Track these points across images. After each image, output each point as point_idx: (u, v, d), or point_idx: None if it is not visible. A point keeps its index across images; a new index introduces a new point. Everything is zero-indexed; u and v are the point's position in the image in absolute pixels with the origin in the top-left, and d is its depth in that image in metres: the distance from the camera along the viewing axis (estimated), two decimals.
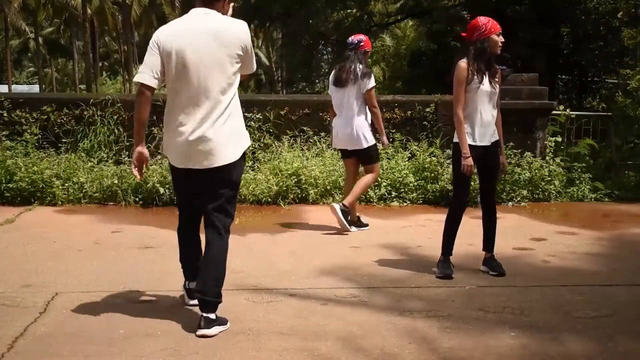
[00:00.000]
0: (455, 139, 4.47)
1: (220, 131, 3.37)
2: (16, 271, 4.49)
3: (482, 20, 4.40)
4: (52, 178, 7.14)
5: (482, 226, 4.69)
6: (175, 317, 3.63)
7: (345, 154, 5.98)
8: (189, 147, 3.38)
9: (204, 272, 3.49)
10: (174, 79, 3.38)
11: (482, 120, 4.43)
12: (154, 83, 3.37)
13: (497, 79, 4.51)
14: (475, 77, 4.36)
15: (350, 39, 5.97)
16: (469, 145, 4.39)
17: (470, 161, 4.36)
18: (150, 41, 3.43)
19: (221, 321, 3.45)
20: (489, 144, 4.49)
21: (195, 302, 3.59)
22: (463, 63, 4.37)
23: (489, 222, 4.67)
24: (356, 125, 5.74)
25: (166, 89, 3.50)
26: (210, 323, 3.38)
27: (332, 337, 3.40)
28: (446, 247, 4.61)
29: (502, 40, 4.43)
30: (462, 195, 4.59)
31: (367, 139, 5.78)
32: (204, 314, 3.40)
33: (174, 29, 3.43)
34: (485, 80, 4.40)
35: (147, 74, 3.36)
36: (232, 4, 3.61)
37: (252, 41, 3.52)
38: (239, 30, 3.42)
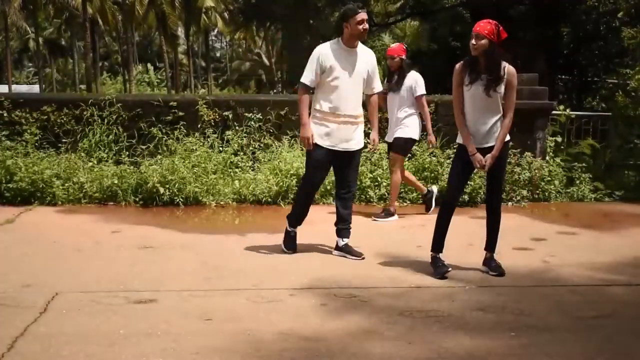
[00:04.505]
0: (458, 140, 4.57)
1: None
2: (16, 271, 4.49)
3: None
4: (52, 178, 7.13)
5: (486, 226, 4.72)
6: (175, 317, 3.63)
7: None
8: None
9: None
10: None
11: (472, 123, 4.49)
12: None
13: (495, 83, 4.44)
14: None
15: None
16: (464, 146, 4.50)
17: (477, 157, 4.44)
18: None
19: None
20: (483, 146, 4.49)
21: None
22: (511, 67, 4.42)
23: (491, 224, 4.70)
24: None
25: None
26: None
27: (332, 337, 3.40)
28: (435, 244, 4.65)
29: (472, 43, 4.39)
30: (448, 194, 4.67)
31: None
32: None
33: None
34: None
35: None
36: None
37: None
38: None
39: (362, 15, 4.86)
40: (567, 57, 15.92)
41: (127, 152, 7.81)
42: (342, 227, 5.15)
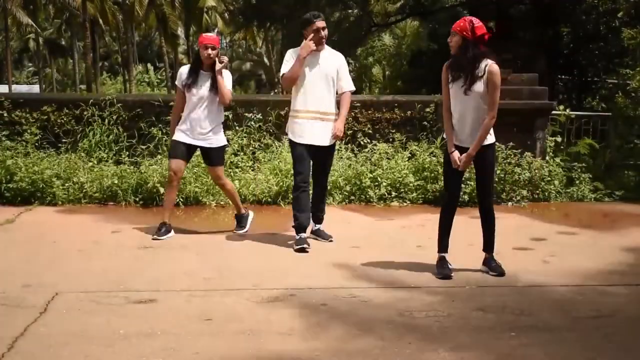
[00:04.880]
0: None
1: None
2: (16, 271, 4.49)
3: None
4: (52, 178, 7.13)
5: (482, 228, 4.73)
6: (175, 317, 3.63)
7: None
8: None
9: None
10: None
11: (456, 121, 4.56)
12: None
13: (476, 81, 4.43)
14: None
15: None
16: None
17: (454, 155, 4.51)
18: None
19: None
20: (466, 146, 4.50)
21: None
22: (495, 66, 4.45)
23: (485, 224, 4.70)
24: None
25: None
26: None
27: (332, 337, 3.40)
28: (440, 244, 4.68)
29: (448, 40, 4.48)
30: (447, 194, 4.69)
31: None
32: None
33: None
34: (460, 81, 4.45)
35: None
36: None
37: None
38: None
39: (318, 23, 5.31)
40: (567, 57, 15.90)
41: (127, 152, 7.81)
42: (319, 215, 5.70)
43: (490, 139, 4.55)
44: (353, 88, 5.63)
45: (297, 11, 17.87)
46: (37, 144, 7.75)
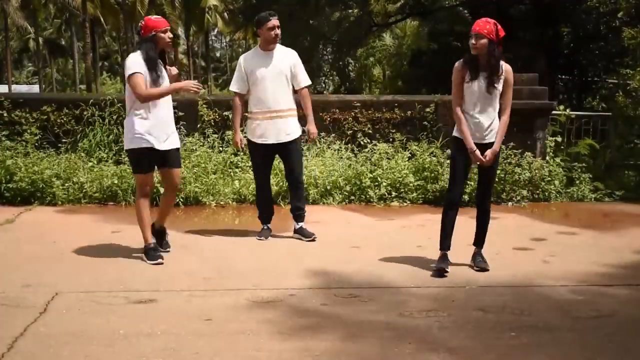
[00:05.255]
0: (454, 133, 4.64)
1: None
2: (16, 271, 4.49)
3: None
4: (52, 178, 7.13)
5: (476, 223, 4.78)
6: (175, 317, 3.63)
7: None
8: None
9: None
10: None
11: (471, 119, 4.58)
12: None
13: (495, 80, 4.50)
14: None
15: None
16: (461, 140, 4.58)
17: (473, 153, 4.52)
18: None
19: None
20: (482, 142, 4.55)
21: None
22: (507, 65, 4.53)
23: (481, 222, 4.75)
24: None
25: None
26: None
27: (332, 337, 3.40)
28: (441, 242, 4.72)
29: (472, 42, 4.45)
30: (451, 192, 4.70)
31: None
32: None
33: None
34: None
35: None
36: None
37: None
38: None
39: (273, 22, 5.40)
40: (567, 57, 15.90)
41: None
42: (298, 214, 5.68)
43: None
44: (309, 82, 5.71)
45: (298, 11, 17.89)
46: (37, 144, 7.75)
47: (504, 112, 4.58)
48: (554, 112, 8.63)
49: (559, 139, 8.30)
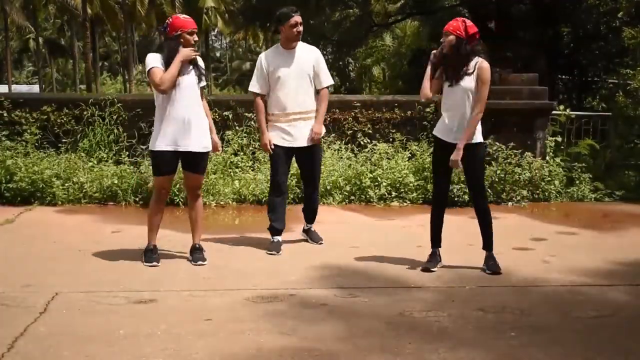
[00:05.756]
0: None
1: None
2: (16, 271, 4.49)
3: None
4: (52, 178, 7.13)
5: (479, 226, 4.77)
6: (175, 317, 3.63)
7: None
8: None
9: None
10: None
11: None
12: None
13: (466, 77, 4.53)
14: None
15: None
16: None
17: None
18: None
19: None
20: (453, 142, 4.57)
21: None
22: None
23: (480, 223, 4.73)
24: None
25: None
26: None
27: (332, 337, 3.40)
28: (432, 240, 4.82)
29: (441, 41, 4.56)
30: (435, 189, 4.84)
31: None
32: None
33: None
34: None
35: None
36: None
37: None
38: None
39: (296, 18, 5.15)
40: (567, 57, 15.90)
41: (127, 152, 7.81)
42: (311, 216, 5.60)
43: (479, 138, 4.59)
44: (331, 82, 5.48)
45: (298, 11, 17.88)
46: (37, 144, 7.75)
47: (474, 108, 4.49)
48: (554, 112, 8.62)
49: (559, 139, 8.30)
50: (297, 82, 5.18)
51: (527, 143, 8.13)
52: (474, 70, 4.48)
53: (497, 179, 7.56)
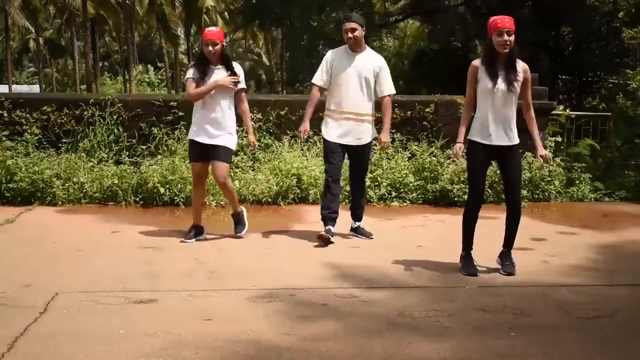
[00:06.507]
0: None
1: None
2: (16, 271, 4.49)
3: (490, 19, 4.55)
4: (52, 178, 7.13)
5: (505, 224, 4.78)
6: (175, 317, 3.63)
7: None
8: None
9: None
10: None
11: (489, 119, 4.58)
12: None
13: (513, 80, 4.53)
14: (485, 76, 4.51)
15: None
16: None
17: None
18: None
19: None
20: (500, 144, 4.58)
21: None
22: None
23: (512, 220, 4.72)
24: None
25: None
26: None
27: (332, 337, 3.40)
28: (464, 242, 4.74)
29: (505, 39, 4.40)
30: (474, 191, 4.73)
31: None
32: None
33: None
34: (496, 79, 4.49)
35: None
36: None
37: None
38: None
39: (346, 25, 5.43)
40: (568, 58, 15.92)
41: (128, 152, 7.80)
42: (358, 213, 5.81)
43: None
44: (393, 91, 5.65)
45: (298, 11, 17.90)
46: (37, 144, 7.75)
47: (530, 110, 5.01)
48: (554, 112, 8.62)
49: (559, 139, 8.30)
50: (355, 84, 5.45)
51: (527, 143, 8.10)
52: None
53: (497, 179, 7.56)
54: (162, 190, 6.98)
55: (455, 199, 7.22)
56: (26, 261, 4.79)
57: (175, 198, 6.98)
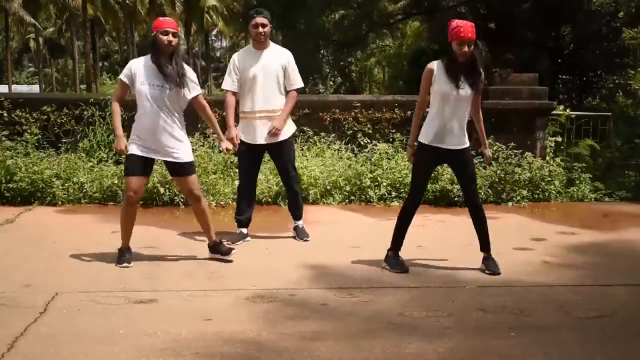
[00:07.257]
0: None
1: None
2: (16, 271, 4.49)
3: (453, 24, 4.44)
4: (52, 178, 7.14)
5: (474, 227, 4.77)
6: (175, 317, 3.63)
7: None
8: None
9: None
10: None
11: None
12: None
13: (473, 84, 4.49)
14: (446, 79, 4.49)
15: None
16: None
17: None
18: None
19: None
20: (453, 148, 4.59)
21: None
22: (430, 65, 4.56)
23: (478, 221, 4.72)
24: None
25: None
26: None
27: (332, 337, 3.40)
28: (396, 241, 4.83)
29: (465, 50, 4.36)
30: (414, 194, 4.85)
31: None
32: None
33: None
34: (454, 83, 4.46)
35: None
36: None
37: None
38: None
39: (257, 19, 5.29)
40: (568, 57, 15.92)
41: None
42: (295, 213, 5.71)
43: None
44: (301, 84, 5.56)
45: (299, 12, 17.90)
46: (37, 144, 7.75)
47: (480, 114, 4.77)
48: (554, 112, 8.63)
49: (559, 139, 8.30)
50: (265, 82, 5.32)
51: (527, 143, 8.13)
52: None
53: (497, 179, 7.56)
54: (162, 190, 6.98)
55: (455, 199, 7.22)
56: (26, 261, 4.79)
57: (175, 198, 6.98)
